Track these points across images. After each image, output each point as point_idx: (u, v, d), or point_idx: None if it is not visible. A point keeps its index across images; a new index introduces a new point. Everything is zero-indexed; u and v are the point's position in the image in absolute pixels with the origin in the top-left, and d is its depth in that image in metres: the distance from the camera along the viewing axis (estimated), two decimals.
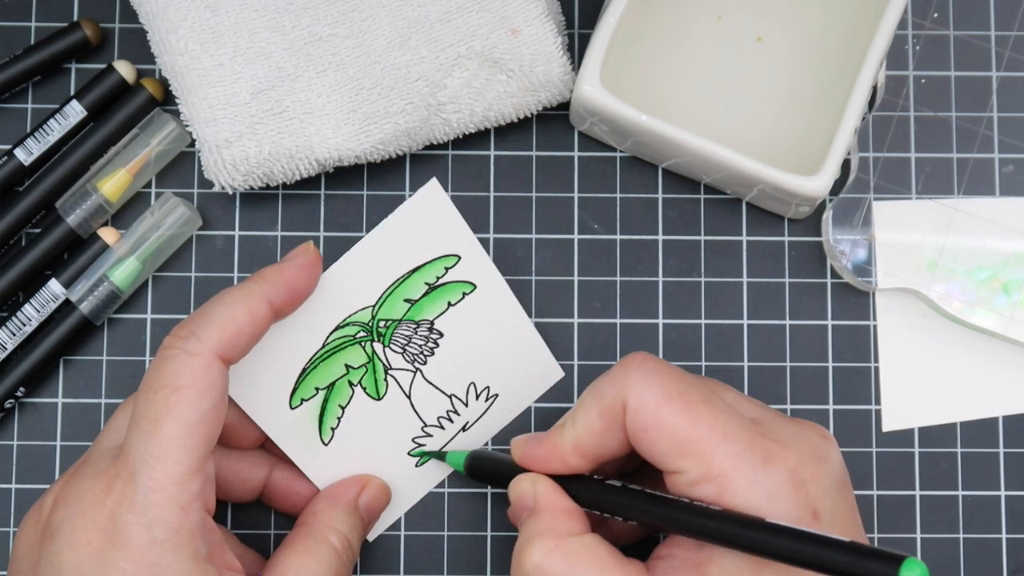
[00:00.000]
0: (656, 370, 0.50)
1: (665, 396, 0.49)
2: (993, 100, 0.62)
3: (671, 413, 0.49)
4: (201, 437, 0.49)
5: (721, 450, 0.48)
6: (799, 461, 0.48)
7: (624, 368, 0.50)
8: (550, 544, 0.49)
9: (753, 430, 0.49)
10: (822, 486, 0.49)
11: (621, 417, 0.50)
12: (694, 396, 0.49)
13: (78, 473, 0.50)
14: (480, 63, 0.58)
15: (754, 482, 0.47)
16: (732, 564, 0.48)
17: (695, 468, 0.48)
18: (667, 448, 0.49)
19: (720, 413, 0.49)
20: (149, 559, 0.47)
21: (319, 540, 0.54)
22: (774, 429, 0.49)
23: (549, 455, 0.52)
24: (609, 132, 0.59)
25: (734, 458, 0.48)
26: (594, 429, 0.50)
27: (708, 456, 0.48)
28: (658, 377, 0.49)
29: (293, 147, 0.58)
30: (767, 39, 0.61)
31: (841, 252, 0.60)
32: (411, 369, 0.58)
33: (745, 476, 0.47)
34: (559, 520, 0.50)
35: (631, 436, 0.50)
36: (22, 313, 0.59)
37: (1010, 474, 0.60)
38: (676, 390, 0.49)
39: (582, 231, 0.61)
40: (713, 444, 0.48)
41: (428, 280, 0.58)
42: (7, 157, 0.60)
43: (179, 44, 0.57)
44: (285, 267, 0.54)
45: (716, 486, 0.48)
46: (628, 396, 0.49)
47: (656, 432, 0.49)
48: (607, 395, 0.50)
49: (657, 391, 0.49)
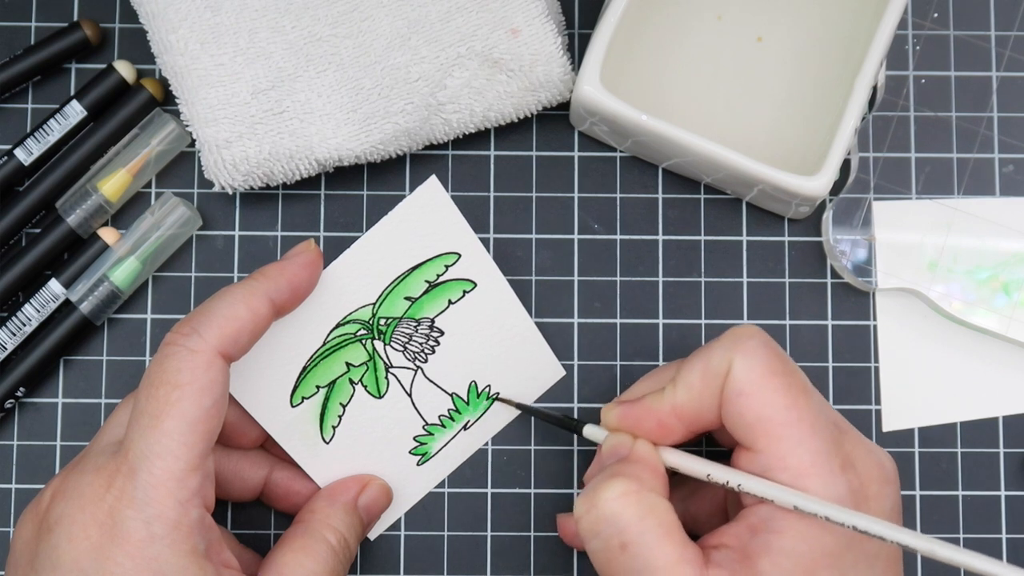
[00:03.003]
0: (767, 344, 0.50)
1: (770, 370, 0.49)
2: (993, 100, 0.62)
3: (772, 388, 0.49)
4: (201, 434, 0.49)
5: (805, 442, 0.48)
6: (869, 477, 0.49)
7: (736, 336, 0.50)
8: (632, 487, 0.49)
9: (835, 435, 0.49)
10: (882, 506, 0.49)
11: (722, 380, 0.50)
12: (796, 381, 0.49)
13: (77, 468, 0.50)
14: (480, 63, 0.58)
15: (827, 484, 0.48)
16: (784, 558, 0.48)
17: (773, 451, 0.48)
18: (754, 420, 0.49)
19: (814, 407, 0.49)
20: (147, 554, 0.47)
21: (316, 538, 0.54)
22: (850, 440, 0.50)
23: (646, 415, 0.51)
24: (609, 132, 0.59)
25: (814, 455, 0.48)
26: (694, 390, 0.50)
27: (791, 443, 0.48)
28: (768, 352, 0.50)
29: (293, 147, 0.58)
30: (767, 39, 0.61)
31: (841, 252, 0.60)
32: (412, 367, 0.58)
33: (821, 476, 0.48)
34: (648, 473, 0.50)
35: (725, 401, 0.49)
36: (22, 313, 0.59)
37: (1010, 474, 0.60)
38: (783, 369, 0.49)
39: (582, 231, 0.61)
40: (800, 433, 0.48)
41: (428, 278, 0.58)
42: (7, 157, 0.60)
43: (179, 44, 0.58)
44: (286, 265, 0.54)
45: (790, 477, 0.48)
46: (736, 359, 0.49)
47: (750, 400, 0.49)
48: (714, 357, 0.50)
49: (764, 363, 0.49)
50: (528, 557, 0.60)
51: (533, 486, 0.60)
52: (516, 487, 0.60)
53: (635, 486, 0.49)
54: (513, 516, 0.60)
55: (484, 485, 0.60)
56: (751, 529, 0.49)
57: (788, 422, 0.48)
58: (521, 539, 0.60)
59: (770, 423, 0.48)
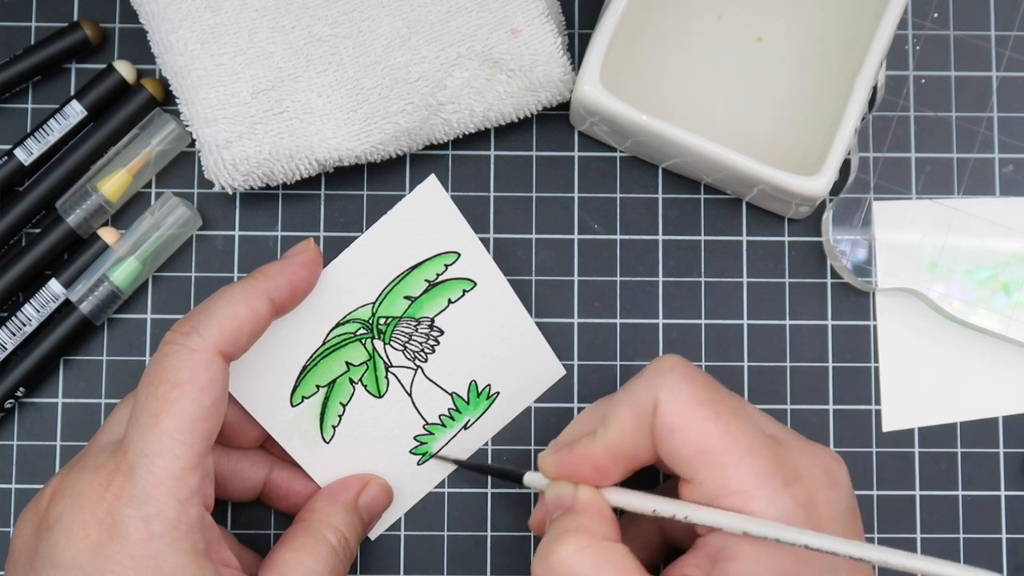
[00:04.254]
0: (689, 374, 0.50)
1: (697, 401, 0.49)
2: (993, 100, 0.62)
3: (701, 418, 0.48)
4: (201, 432, 0.49)
5: (744, 465, 0.48)
6: (815, 486, 0.48)
7: (658, 368, 0.50)
8: (583, 542, 0.49)
9: (775, 450, 0.49)
10: (833, 511, 0.49)
11: (651, 418, 0.49)
12: (724, 407, 0.49)
13: (76, 467, 0.50)
14: (480, 63, 0.58)
15: (773, 502, 0.47)
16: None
17: (715, 480, 0.48)
18: (691, 454, 0.48)
19: (747, 428, 0.49)
20: (146, 553, 0.47)
21: (316, 537, 0.54)
22: (792, 450, 0.49)
23: (582, 461, 0.51)
24: (609, 132, 0.59)
25: (756, 475, 0.48)
26: (626, 430, 0.50)
27: (730, 469, 0.48)
28: (690, 382, 0.49)
29: (293, 147, 0.58)
30: (767, 39, 0.61)
31: (841, 252, 0.60)
32: (412, 367, 0.58)
33: (765, 495, 0.47)
34: (595, 521, 0.50)
35: (657, 437, 0.49)
36: (22, 313, 0.59)
37: (1010, 474, 0.60)
38: (708, 397, 0.49)
39: (582, 231, 0.61)
40: (737, 458, 0.48)
41: (428, 277, 0.58)
42: (7, 157, 0.60)
43: (179, 44, 0.58)
44: (286, 264, 0.54)
45: (736, 501, 0.47)
46: (660, 395, 0.49)
47: (683, 436, 0.48)
48: (640, 394, 0.50)
49: (689, 395, 0.49)
50: (528, 557, 0.60)
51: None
52: (516, 487, 0.60)
53: (586, 540, 0.49)
54: (513, 516, 0.60)
55: (484, 485, 0.60)
56: (710, 558, 0.49)
57: (724, 449, 0.48)
58: (521, 539, 0.60)
59: (707, 454, 0.48)
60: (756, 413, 0.52)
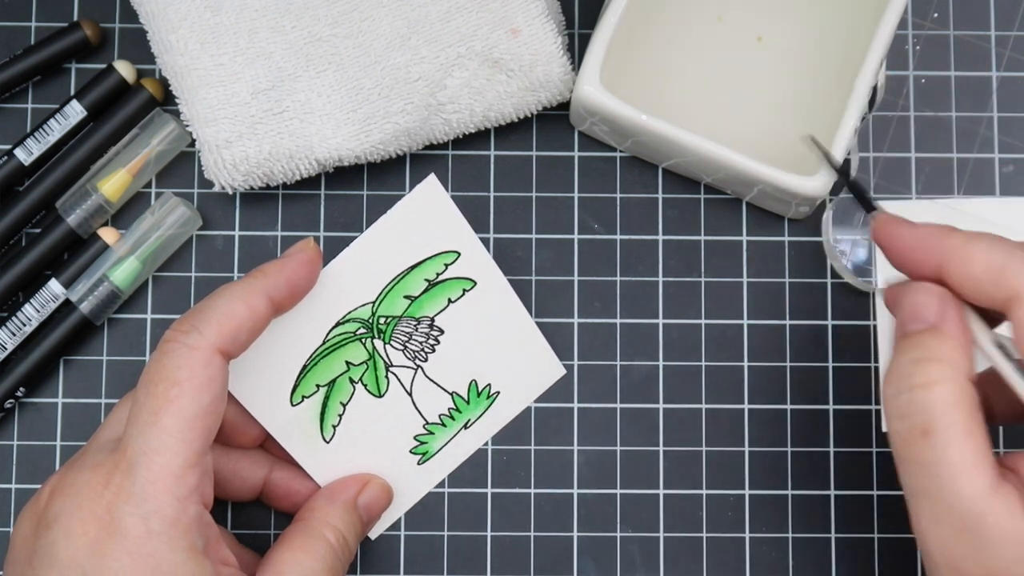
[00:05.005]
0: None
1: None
2: (993, 100, 0.62)
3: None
4: (200, 430, 0.49)
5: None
6: None
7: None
8: (948, 374, 0.46)
9: None
10: None
11: None
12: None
13: (76, 465, 0.50)
14: (480, 63, 0.58)
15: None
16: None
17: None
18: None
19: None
20: (145, 550, 0.47)
21: (315, 536, 0.54)
22: None
23: (956, 247, 0.47)
24: (609, 132, 0.59)
25: None
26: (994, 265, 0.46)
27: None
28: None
29: (293, 147, 0.58)
30: (767, 39, 0.61)
31: (841, 252, 0.60)
32: (412, 366, 0.58)
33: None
34: (962, 355, 0.47)
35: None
36: (22, 313, 0.59)
37: None
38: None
39: (582, 231, 0.61)
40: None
41: (428, 276, 0.58)
42: (7, 157, 0.60)
43: (179, 44, 0.58)
44: (285, 263, 0.54)
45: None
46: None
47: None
48: None
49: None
50: (528, 557, 0.60)
51: (533, 486, 0.60)
52: (516, 487, 0.60)
53: (950, 373, 0.46)
54: (513, 516, 0.60)
55: (484, 485, 0.60)
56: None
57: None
58: (521, 539, 0.60)
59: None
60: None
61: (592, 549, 0.60)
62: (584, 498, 0.60)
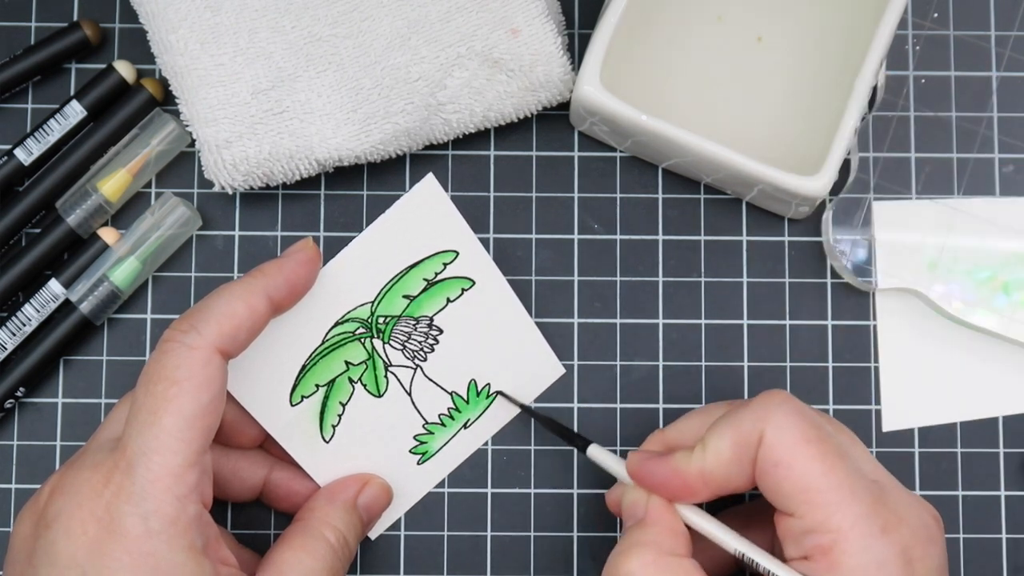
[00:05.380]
0: (799, 411, 0.50)
1: (804, 438, 0.49)
2: (993, 100, 0.62)
3: (807, 457, 0.48)
4: (199, 430, 0.49)
5: (844, 507, 0.48)
6: (913, 538, 0.48)
7: (766, 402, 0.50)
8: (650, 557, 0.49)
9: (876, 495, 0.49)
10: (927, 568, 0.48)
11: (754, 450, 0.49)
12: (830, 447, 0.49)
13: (75, 464, 0.50)
14: (480, 63, 0.58)
15: (868, 548, 0.47)
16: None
17: (813, 516, 0.48)
18: (792, 490, 0.48)
19: (850, 470, 0.49)
20: (144, 550, 0.47)
21: (315, 536, 0.54)
22: (893, 498, 0.49)
23: (671, 477, 0.51)
24: (609, 132, 0.59)
25: (855, 518, 0.47)
26: (724, 458, 0.50)
27: (830, 509, 0.48)
28: (800, 418, 0.49)
29: (293, 147, 0.58)
30: (767, 39, 0.61)
31: (841, 252, 0.60)
32: (411, 366, 0.58)
33: (862, 540, 0.47)
34: (665, 537, 0.51)
35: (759, 471, 0.49)
36: (22, 313, 0.59)
37: (1010, 474, 0.60)
38: (816, 435, 0.49)
39: (582, 231, 0.61)
40: (838, 499, 0.48)
41: (426, 276, 0.58)
42: (7, 157, 0.60)
43: (179, 44, 0.58)
44: (284, 262, 0.54)
45: (830, 540, 0.48)
46: (767, 430, 0.49)
47: (786, 471, 0.48)
48: (744, 425, 0.50)
49: (797, 431, 0.49)
50: (528, 557, 0.60)
51: (533, 486, 0.60)
52: (516, 487, 0.60)
53: (652, 555, 0.49)
54: (513, 516, 0.60)
55: (484, 485, 0.60)
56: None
57: (827, 488, 0.48)
58: (521, 539, 0.60)
59: (808, 492, 0.48)
60: (861, 454, 0.51)
61: (592, 549, 0.60)
62: (584, 498, 0.60)
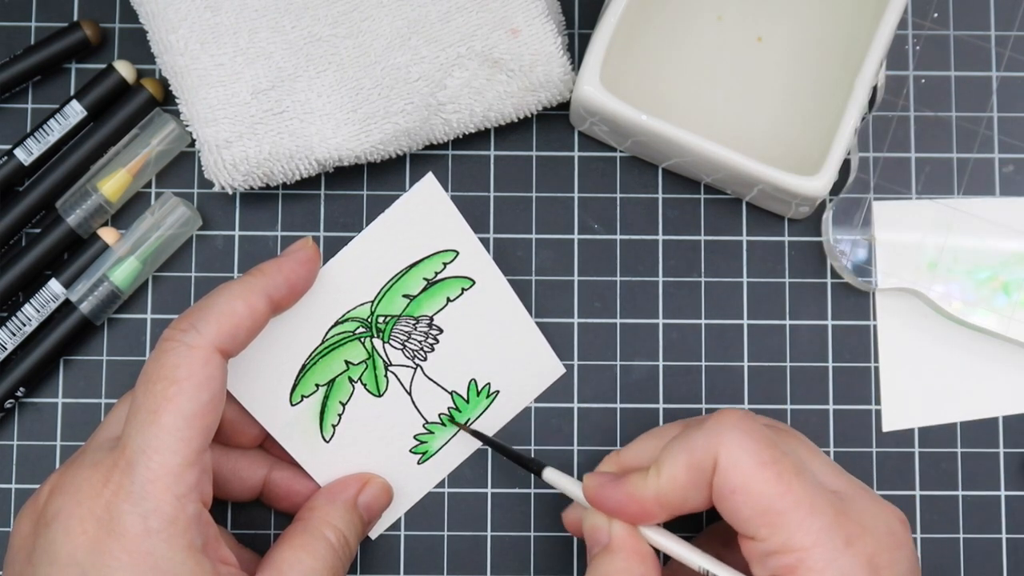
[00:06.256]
0: (752, 432, 0.49)
1: (759, 462, 0.48)
2: (993, 100, 0.62)
3: (763, 480, 0.48)
4: (199, 429, 0.49)
5: (805, 524, 0.47)
6: (878, 547, 0.48)
7: (718, 424, 0.50)
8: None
9: (837, 507, 0.48)
10: (896, 574, 0.48)
11: (709, 474, 0.49)
12: (786, 465, 0.49)
13: (75, 463, 0.50)
14: (480, 63, 0.58)
15: (832, 561, 0.47)
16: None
17: (775, 537, 0.48)
18: (751, 513, 0.48)
19: (809, 486, 0.48)
20: (144, 548, 0.47)
21: (315, 536, 0.54)
22: (856, 507, 0.49)
23: (627, 502, 0.51)
24: (609, 132, 0.59)
25: (816, 535, 0.47)
26: (679, 482, 0.50)
27: (791, 528, 0.48)
28: (753, 441, 0.49)
29: (293, 147, 0.58)
30: (767, 39, 0.61)
31: (841, 252, 0.60)
32: (411, 365, 0.58)
33: (826, 555, 0.47)
34: (634, 563, 0.51)
35: (716, 495, 0.49)
36: (22, 313, 0.59)
37: (1010, 474, 0.60)
38: (770, 457, 0.49)
39: (582, 231, 0.61)
40: (798, 518, 0.48)
41: (426, 275, 0.58)
42: (7, 157, 0.60)
43: (179, 44, 0.58)
44: (284, 261, 0.54)
45: (795, 560, 0.47)
46: (720, 454, 0.49)
47: (743, 496, 0.48)
48: (697, 450, 0.49)
49: (752, 455, 0.48)
50: (528, 557, 0.60)
51: (533, 486, 0.60)
52: (516, 487, 0.60)
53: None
54: (513, 516, 0.60)
55: (484, 485, 0.60)
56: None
57: (784, 510, 0.48)
58: (521, 539, 0.60)
59: (767, 514, 0.48)
60: (821, 465, 0.51)
61: None
62: None
